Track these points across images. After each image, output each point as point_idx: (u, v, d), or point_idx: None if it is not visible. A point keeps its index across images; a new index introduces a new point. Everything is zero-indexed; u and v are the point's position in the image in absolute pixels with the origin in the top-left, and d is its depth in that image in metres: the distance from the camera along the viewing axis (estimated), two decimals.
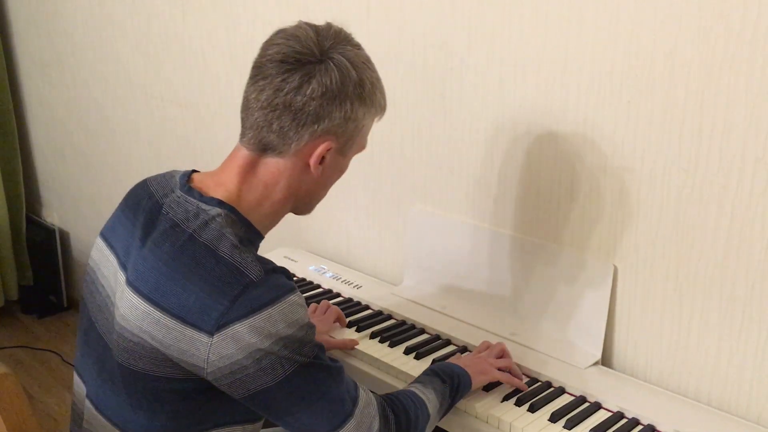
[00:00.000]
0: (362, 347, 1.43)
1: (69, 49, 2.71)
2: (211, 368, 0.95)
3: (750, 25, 1.10)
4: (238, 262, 0.97)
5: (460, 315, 1.53)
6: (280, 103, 1.00)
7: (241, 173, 1.06)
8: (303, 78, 1.00)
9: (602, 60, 1.28)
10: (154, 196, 1.09)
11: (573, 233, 1.41)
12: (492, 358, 1.29)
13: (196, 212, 1.02)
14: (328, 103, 1.01)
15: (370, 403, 1.05)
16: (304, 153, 1.04)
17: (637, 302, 1.34)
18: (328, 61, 1.01)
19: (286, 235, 2.05)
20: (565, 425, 1.19)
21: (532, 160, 1.43)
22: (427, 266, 1.66)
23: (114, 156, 2.67)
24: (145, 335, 0.98)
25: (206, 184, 1.07)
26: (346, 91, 1.02)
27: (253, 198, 1.06)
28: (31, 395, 2.56)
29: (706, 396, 1.29)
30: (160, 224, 1.04)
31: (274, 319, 0.95)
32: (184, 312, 0.96)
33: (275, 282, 0.98)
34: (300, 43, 1.01)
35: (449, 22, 1.49)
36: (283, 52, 1.00)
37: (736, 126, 1.15)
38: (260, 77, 1.02)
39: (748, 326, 1.21)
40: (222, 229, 1.00)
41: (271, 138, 1.03)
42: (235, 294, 0.95)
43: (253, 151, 1.05)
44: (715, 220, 1.21)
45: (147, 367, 1.00)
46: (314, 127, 1.02)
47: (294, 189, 1.08)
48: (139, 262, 1.02)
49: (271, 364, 0.96)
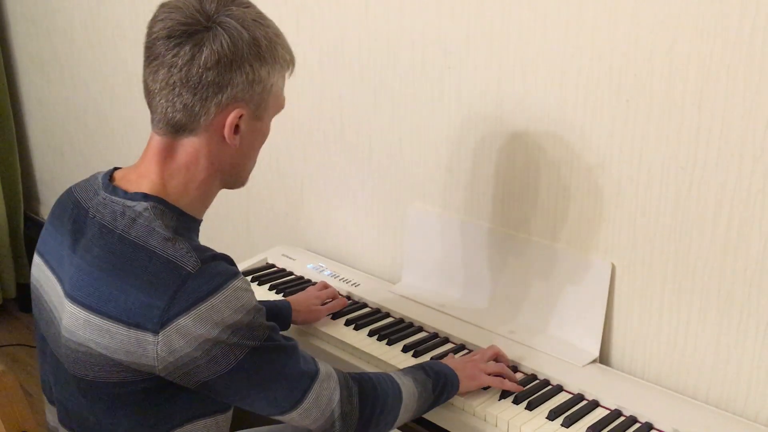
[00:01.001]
0: (360, 345, 1.43)
1: (67, 48, 2.71)
2: (162, 364, 0.94)
3: (748, 24, 1.10)
4: (172, 255, 0.95)
5: (458, 313, 1.53)
6: (177, 80, 0.97)
7: (160, 161, 1.02)
8: (194, 49, 0.95)
9: (601, 58, 1.28)
10: (79, 202, 1.06)
11: (571, 231, 1.41)
12: (484, 363, 1.28)
13: (123, 211, 1.00)
14: (225, 70, 0.97)
15: (330, 376, 1.05)
16: (217, 126, 1.00)
17: (635, 300, 1.34)
18: (215, 27, 0.96)
19: (284, 233, 2.05)
20: (563, 423, 1.19)
21: (531, 158, 1.43)
22: (425, 264, 1.66)
23: (112, 154, 2.67)
24: (90, 343, 0.97)
25: (128, 180, 1.04)
26: (242, 54, 0.97)
27: (177, 183, 1.03)
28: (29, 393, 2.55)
29: (703, 394, 1.29)
30: (88, 230, 1.02)
31: (217, 308, 0.94)
32: (125, 314, 0.94)
33: (214, 270, 0.96)
34: (183, 13, 0.97)
35: (448, 21, 1.49)
36: (168, 27, 0.97)
37: (734, 125, 1.15)
38: (152, 58, 0.99)
39: (746, 324, 1.22)
40: (150, 223, 0.98)
41: (179, 117, 0.99)
42: (173, 289, 0.93)
43: (166, 135, 1.02)
44: (714, 218, 1.21)
45: (99, 375, 0.98)
46: (218, 98, 0.98)
47: (217, 164, 1.04)
48: (72, 271, 1.00)
49: (221, 352, 0.94)
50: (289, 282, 1.73)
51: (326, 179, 1.88)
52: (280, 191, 2.02)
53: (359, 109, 1.73)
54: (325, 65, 1.77)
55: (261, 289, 1.69)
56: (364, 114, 1.73)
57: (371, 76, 1.68)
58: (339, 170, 1.83)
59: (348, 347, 1.44)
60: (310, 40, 1.77)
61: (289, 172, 1.97)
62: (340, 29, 1.70)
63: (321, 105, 1.82)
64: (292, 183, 1.98)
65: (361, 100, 1.72)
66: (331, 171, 1.85)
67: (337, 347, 1.46)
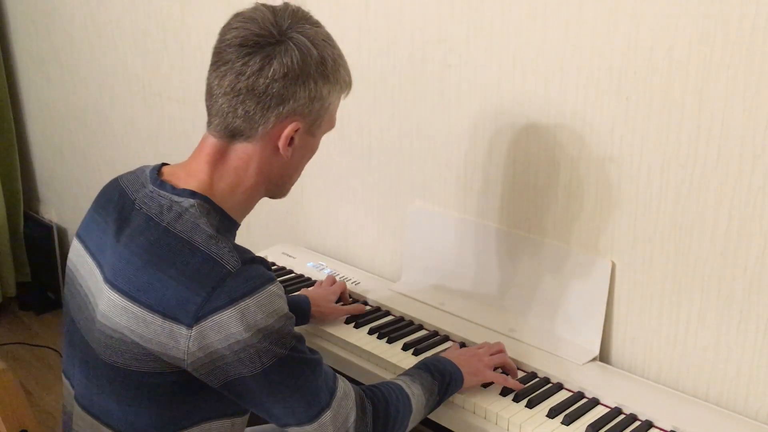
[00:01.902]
0: (360, 343, 1.43)
1: (67, 46, 2.71)
2: (191, 359, 0.95)
3: (748, 22, 1.10)
4: (215, 252, 0.97)
5: (459, 311, 1.53)
6: (243, 88, 0.99)
7: (211, 162, 1.05)
8: (264, 60, 0.99)
9: (601, 57, 1.28)
10: (126, 192, 1.08)
11: (571, 230, 1.41)
12: (487, 357, 1.29)
13: (170, 205, 1.02)
14: (291, 84, 1.00)
15: (348, 395, 1.05)
16: (272, 136, 1.04)
17: (635, 298, 1.35)
18: (287, 42, 1.00)
19: (284, 231, 2.05)
20: (563, 421, 1.19)
21: (531, 156, 1.43)
22: (426, 262, 1.66)
23: (112, 153, 2.67)
24: (125, 330, 0.98)
25: (177, 176, 1.06)
26: (308, 70, 1.01)
27: (225, 185, 1.05)
28: (28, 392, 2.56)
29: (704, 392, 1.29)
30: (133, 220, 1.03)
31: (252, 310, 0.95)
32: (162, 305, 0.95)
33: (253, 272, 0.98)
34: (258, 25, 1.00)
35: (448, 19, 1.49)
36: (242, 36, 1.00)
37: (735, 123, 1.15)
38: (221, 63, 1.01)
39: (746, 322, 1.22)
40: (196, 220, 1.00)
41: (238, 123, 1.02)
42: (212, 285, 0.95)
43: (221, 138, 1.04)
44: (714, 216, 1.21)
45: (130, 363, 0.99)
46: (279, 109, 1.01)
47: (266, 173, 1.07)
48: (114, 258, 1.02)
49: (249, 355, 0.96)
50: (290, 280, 1.73)
51: (326, 178, 1.88)
52: None
53: (359, 107, 1.73)
54: None
55: None
56: (364, 112, 1.73)
57: (371, 74, 1.68)
58: (339, 168, 1.83)
59: (348, 345, 1.44)
60: None
61: None
62: (339, 28, 1.70)
63: None
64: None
65: (361, 98, 1.72)
66: (331, 169, 1.86)
67: (338, 345, 1.46)
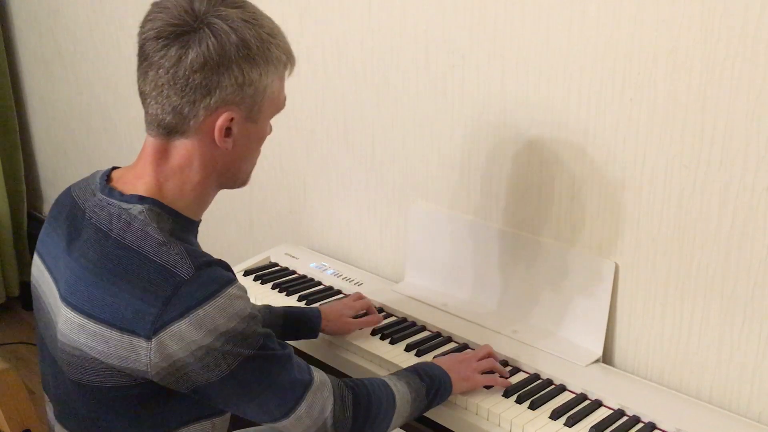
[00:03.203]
0: (363, 344, 1.43)
1: (71, 46, 2.71)
2: (155, 370, 0.93)
3: (752, 23, 1.10)
4: (166, 261, 0.94)
5: (462, 312, 1.53)
6: (165, 82, 0.95)
7: (155, 162, 1.01)
8: (180, 51, 0.94)
9: (604, 57, 1.28)
10: (77, 202, 1.06)
11: (575, 231, 1.40)
12: (475, 362, 1.28)
13: (118, 213, 0.99)
14: (212, 73, 0.94)
15: (324, 385, 1.04)
16: (207, 128, 0.99)
17: (638, 300, 1.34)
18: (203, 28, 0.94)
19: (287, 232, 2.05)
20: (566, 423, 1.19)
21: (534, 157, 1.43)
22: (429, 263, 1.65)
23: (115, 152, 2.67)
24: (84, 348, 0.96)
25: (125, 181, 1.03)
26: (229, 56, 0.94)
27: (173, 185, 1.02)
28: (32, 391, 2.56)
29: (707, 394, 1.29)
30: (84, 231, 1.01)
31: (211, 315, 0.93)
32: (119, 320, 0.93)
33: (209, 276, 0.95)
34: (171, 13, 0.95)
35: (451, 19, 1.49)
36: (157, 28, 0.95)
37: (738, 124, 1.15)
38: (142, 59, 0.97)
39: (749, 324, 1.21)
40: (145, 227, 0.97)
41: (169, 120, 0.98)
42: (167, 295, 0.92)
43: (159, 137, 1.01)
44: (717, 217, 1.21)
45: (95, 379, 0.97)
46: (207, 101, 0.96)
47: (211, 166, 1.02)
48: (67, 274, 1.00)
49: (214, 360, 0.94)
50: (292, 281, 1.73)
51: (329, 178, 1.87)
52: (283, 190, 2.02)
53: (362, 107, 1.73)
54: (329, 64, 1.77)
55: (264, 287, 1.69)
56: (368, 113, 1.73)
57: (374, 74, 1.68)
58: (342, 169, 1.83)
59: (351, 346, 1.44)
60: (314, 40, 1.77)
61: (292, 171, 1.97)
62: (343, 28, 1.70)
63: (324, 104, 1.82)
64: (295, 182, 1.98)
65: (365, 98, 1.72)
66: (334, 169, 1.85)
67: (340, 346, 1.46)
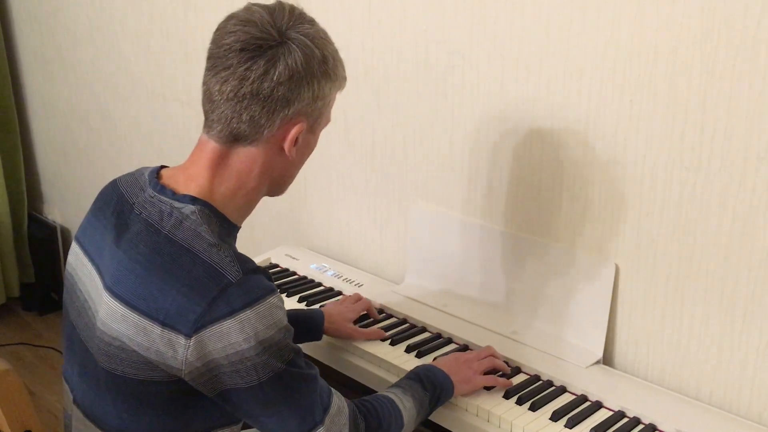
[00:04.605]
0: (363, 345, 1.43)
1: (70, 46, 2.71)
2: (188, 369, 0.95)
3: (752, 24, 1.10)
4: (216, 262, 0.96)
5: (462, 313, 1.53)
6: (248, 93, 0.98)
7: (212, 167, 1.03)
8: (268, 64, 0.97)
9: (604, 58, 1.28)
10: (124, 196, 1.07)
11: (575, 232, 1.40)
12: (476, 363, 1.28)
13: (170, 211, 1.01)
14: (296, 86, 0.99)
15: (342, 411, 1.05)
16: (278, 138, 1.03)
17: (638, 301, 1.34)
18: (289, 43, 0.98)
19: (287, 232, 2.05)
20: (566, 424, 1.19)
21: (534, 158, 1.43)
22: (429, 265, 1.65)
23: (116, 153, 2.67)
24: (124, 338, 0.97)
25: (177, 180, 1.05)
26: (312, 70, 1.00)
27: (226, 190, 1.04)
28: (32, 392, 2.56)
29: (707, 395, 1.29)
30: (133, 225, 1.02)
31: (252, 321, 0.94)
32: (162, 314, 0.95)
33: (254, 283, 0.97)
34: (257, 27, 0.98)
35: (451, 20, 1.49)
36: (242, 40, 0.98)
37: (739, 125, 1.15)
38: (221, 68, 0.99)
39: (749, 325, 1.21)
40: (197, 227, 0.99)
41: (243, 128, 1.01)
42: (213, 295, 0.94)
43: (223, 142, 1.03)
44: (717, 218, 1.21)
45: (128, 371, 0.98)
46: (285, 112, 1.00)
47: (268, 174, 1.06)
48: (114, 265, 1.01)
49: (246, 368, 0.95)
50: (293, 282, 1.73)
51: (329, 179, 1.87)
52: None
53: (363, 108, 1.73)
54: None
55: None
56: (368, 114, 1.73)
57: (375, 75, 1.68)
58: (342, 169, 1.83)
59: (351, 347, 1.44)
60: None
61: None
62: (343, 29, 1.70)
63: None
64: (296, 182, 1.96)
65: (365, 99, 1.72)
66: (334, 170, 1.85)
67: (341, 347, 1.46)
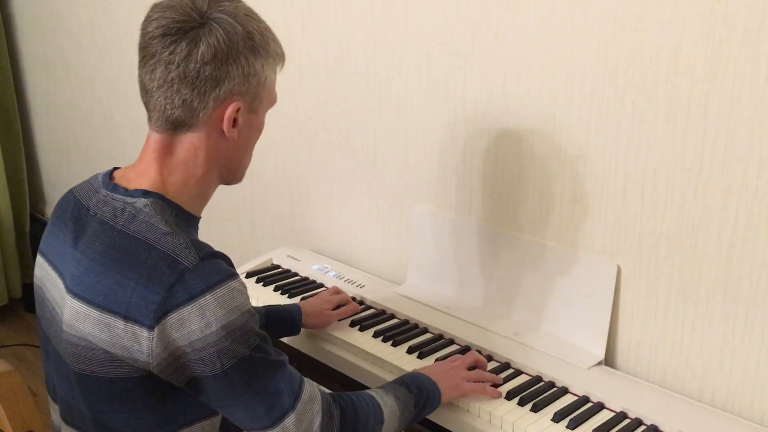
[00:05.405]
0: (365, 346, 1.43)
1: (73, 48, 2.72)
2: (156, 361, 0.95)
3: (754, 26, 1.10)
4: (171, 249, 0.96)
5: (463, 315, 1.53)
6: (176, 77, 0.99)
7: (159, 158, 1.04)
8: (190, 45, 0.98)
9: (606, 60, 1.28)
10: (80, 201, 1.08)
11: (577, 233, 1.40)
12: (464, 371, 1.27)
13: (123, 207, 1.02)
14: (222, 64, 0.99)
15: (314, 399, 1.03)
16: (215, 120, 1.03)
17: (640, 302, 1.34)
18: (210, 22, 0.99)
19: (289, 234, 2.05)
20: (568, 425, 1.19)
21: (536, 160, 1.43)
22: (430, 266, 1.66)
23: (118, 154, 2.67)
24: (89, 337, 0.98)
25: (128, 178, 1.06)
26: (237, 47, 1.00)
27: (176, 180, 1.05)
28: (34, 393, 2.56)
29: (709, 396, 1.29)
30: (89, 226, 1.03)
31: (211, 306, 0.94)
32: (123, 308, 0.95)
33: (212, 268, 0.97)
34: (176, 11, 0.99)
35: (453, 23, 1.49)
36: (163, 25, 0.99)
37: (741, 127, 1.15)
38: (148, 57, 1.00)
39: (751, 326, 1.21)
40: (150, 219, 0.99)
41: (177, 114, 1.01)
42: (170, 282, 0.94)
43: (164, 132, 1.04)
44: (719, 220, 1.21)
45: (98, 370, 0.99)
46: (216, 92, 1.00)
47: (214, 159, 1.06)
48: (73, 266, 1.02)
49: (209, 354, 0.95)
50: (294, 283, 1.73)
51: (331, 181, 1.88)
52: (285, 192, 2.02)
53: (364, 110, 1.73)
54: (331, 67, 1.77)
55: (266, 290, 1.70)
56: (369, 116, 1.73)
57: (376, 78, 1.68)
58: (344, 172, 1.83)
59: (353, 348, 1.44)
60: (316, 43, 1.77)
61: (294, 174, 1.97)
62: (345, 31, 1.70)
63: (326, 107, 1.82)
64: (297, 184, 1.98)
65: (366, 101, 1.72)
66: (336, 172, 1.86)
67: (342, 348, 1.46)
